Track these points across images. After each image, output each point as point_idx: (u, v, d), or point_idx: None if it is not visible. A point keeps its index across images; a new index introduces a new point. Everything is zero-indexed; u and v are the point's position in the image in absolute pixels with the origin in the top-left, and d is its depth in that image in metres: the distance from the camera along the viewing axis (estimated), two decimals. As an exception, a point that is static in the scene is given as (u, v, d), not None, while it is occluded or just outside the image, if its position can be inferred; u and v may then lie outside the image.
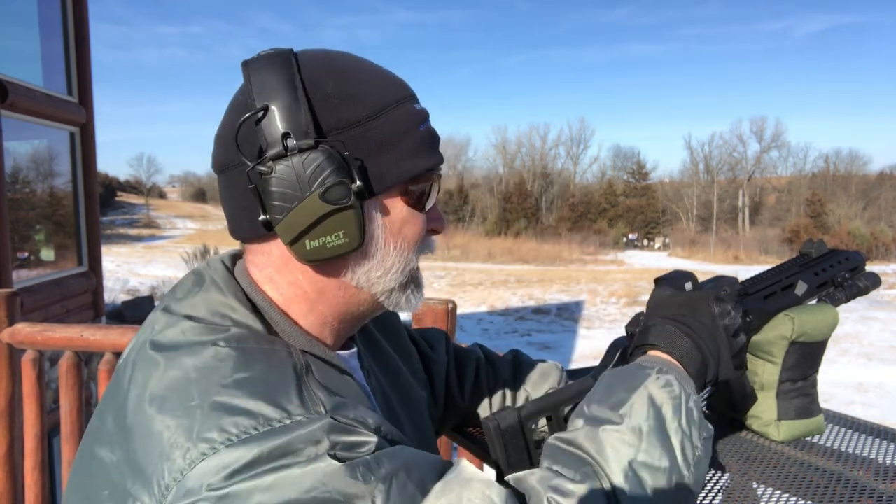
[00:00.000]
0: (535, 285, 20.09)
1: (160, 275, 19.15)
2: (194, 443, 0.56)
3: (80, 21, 6.60)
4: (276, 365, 0.64)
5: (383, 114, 0.70)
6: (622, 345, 0.90)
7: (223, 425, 0.56)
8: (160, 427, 0.58)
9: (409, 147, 0.71)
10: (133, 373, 0.65)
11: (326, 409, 0.60)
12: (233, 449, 0.55)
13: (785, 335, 0.99)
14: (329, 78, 0.68)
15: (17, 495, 2.38)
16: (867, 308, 14.68)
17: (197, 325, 0.67)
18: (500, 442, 0.82)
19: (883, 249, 33.57)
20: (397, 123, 0.70)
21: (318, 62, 0.70)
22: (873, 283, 1.11)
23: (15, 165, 6.10)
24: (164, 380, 0.62)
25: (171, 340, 0.66)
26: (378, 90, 0.71)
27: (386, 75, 0.74)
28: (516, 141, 58.12)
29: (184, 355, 0.63)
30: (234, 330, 0.67)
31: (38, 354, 2.33)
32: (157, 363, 0.64)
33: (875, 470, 0.91)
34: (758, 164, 53.91)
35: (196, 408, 0.58)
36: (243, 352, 0.64)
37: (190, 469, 0.55)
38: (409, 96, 0.73)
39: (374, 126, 0.69)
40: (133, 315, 11.18)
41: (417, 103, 0.74)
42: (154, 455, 0.57)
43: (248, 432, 0.56)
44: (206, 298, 0.71)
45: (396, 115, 0.70)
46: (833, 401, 8.29)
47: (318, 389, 0.63)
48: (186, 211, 69.23)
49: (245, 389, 0.60)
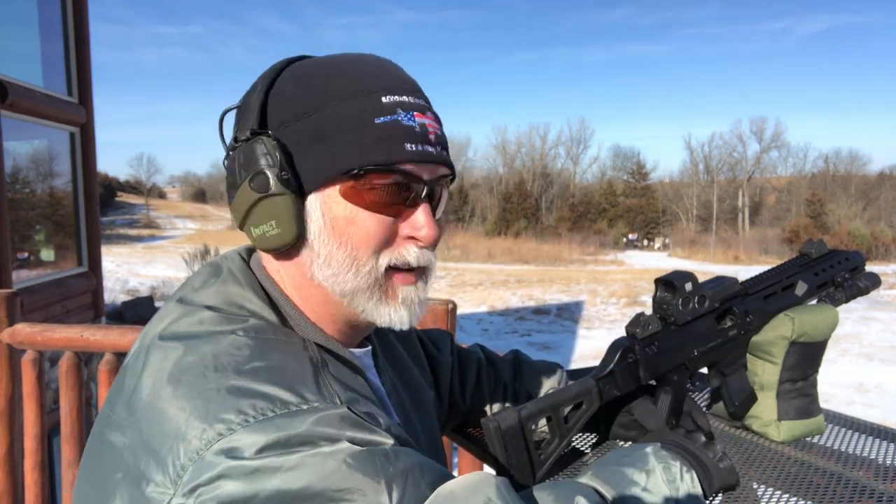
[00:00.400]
0: (535, 285, 20.08)
1: (160, 275, 19.15)
2: (210, 423, 0.56)
3: (80, 21, 6.60)
4: (294, 356, 0.65)
5: (330, 106, 0.67)
6: (622, 345, 0.90)
7: (240, 406, 0.56)
8: (175, 410, 0.58)
9: (352, 140, 0.67)
10: (147, 358, 0.65)
11: (342, 400, 0.61)
12: (249, 430, 0.55)
13: (785, 335, 0.99)
14: (297, 79, 0.70)
15: (17, 495, 2.38)
16: (867, 308, 14.68)
17: (215, 315, 0.67)
18: (500, 442, 0.82)
19: (883, 249, 33.55)
20: (344, 116, 0.67)
21: (302, 67, 0.72)
22: (873, 283, 1.12)
23: (15, 165, 6.10)
24: (180, 364, 0.62)
25: (187, 330, 0.66)
26: (335, 83, 0.69)
27: (361, 69, 0.70)
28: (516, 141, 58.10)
29: (202, 343, 0.64)
30: (251, 321, 0.67)
31: (38, 355, 2.33)
32: (174, 349, 0.64)
33: (875, 470, 0.91)
34: (758, 165, 53.89)
35: (213, 391, 0.58)
36: (261, 341, 0.65)
37: (206, 449, 0.54)
38: (376, 89, 0.68)
39: (314, 119, 0.67)
40: (133, 315, 11.18)
41: (390, 96, 0.68)
42: (169, 436, 0.57)
43: (265, 414, 0.56)
44: (223, 289, 0.71)
45: (347, 107, 0.67)
46: (833, 401, 8.29)
47: (333, 382, 0.64)
48: (186, 211, 69.22)
49: (262, 375, 0.60)
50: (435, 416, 0.97)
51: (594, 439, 1.04)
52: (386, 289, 0.71)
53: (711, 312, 0.97)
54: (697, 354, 0.96)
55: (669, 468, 0.72)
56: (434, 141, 0.70)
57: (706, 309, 0.95)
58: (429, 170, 0.70)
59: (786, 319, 0.99)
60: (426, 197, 0.70)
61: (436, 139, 0.70)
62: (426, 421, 0.92)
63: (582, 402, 0.87)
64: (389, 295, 0.71)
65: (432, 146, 0.69)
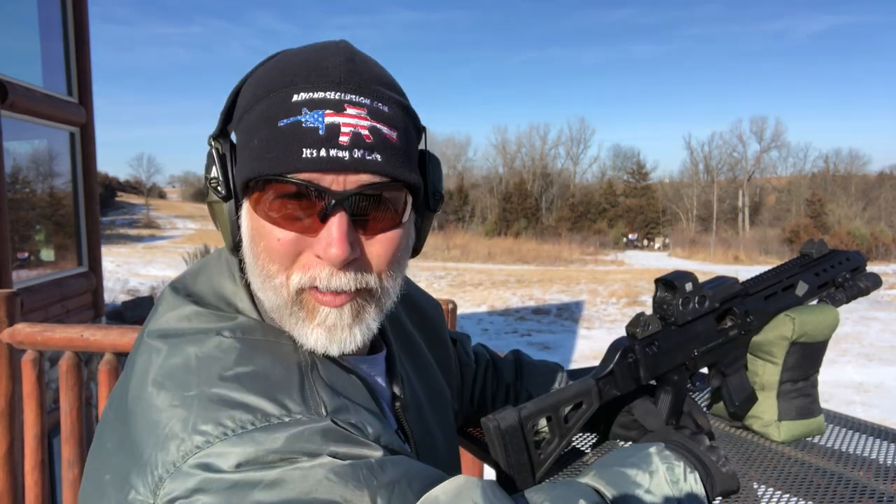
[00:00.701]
0: (535, 285, 20.07)
1: (160, 275, 19.14)
2: (189, 434, 0.55)
3: (80, 21, 6.61)
4: (280, 360, 0.63)
5: (252, 110, 0.64)
6: (622, 345, 0.90)
7: (220, 418, 0.55)
8: (157, 415, 0.57)
9: (254, 147, 0.62)
10: (136, 357, 0.65)
11: (328, 410, 0.59)
12: (227, 443, 0.54)
13: (786, 335, 0.99)
14: (254, 77, 0.68)
15: (17, 495, 2.38)
16: (867, 308, 14.67)
17: (202, 312, 0.66)
18: (500, 441, 0.82)
19: (883, 249, 33.55)
20: (255, 119, 0.63)
21: (269, 63, 0.69)
22: (874, 283, 1.11)
23: (15, 165, 6.10)
24: (164, 367, 0.61)
25: (174, 327, 0.65)
26: (266, 80, 0.65)
27: (293, 62, 0.65)
28: (516, 141, 58.13)
29: (187, 343, 0.63)
30: (240, 318, 0.66)
31: (38, 354, 2.33)
32: (158, 350, 0.63)
33: (875, 470, 0.91)
34: (758, 164, 53.92)
35: (194, 398, 0.57)
36: (247, 343, 0.63)
37: (183, 462, 0.54)
38: (289, 85, 0.62)
39: (244, 121, 0.65)
40: (133, 315, 11.17)
41: (304, 93, 0.61)
42: (150, 443, 0.56)
43: (245, 427, 0.55)
44: (215, 280, 0.71)
45: (259, 108, 0.63)
46: (833, 401, 8.29)
47: (321, 389, 0.62)
48: (186, 211, 69.16)
49: (245, 383, 0.58)
50: (451, 418, 0.96)
51: (594, 439, 1.04)
52: (304, 308, 0.65)
53: (712, 312, 0.97)
54: (698, 354, 0.96)
55: (673, 469, 0.72)
56: (348, 144, 0.59)
57: (706, 309, 0.95)
58: (337, 179, 0.60)
59: (786, 319, 0.99)
60: (340, 210, 0.61)
61: (352, 141, 0.60)
62: (446, 430, 0.91)
63: (582, 402, 0.87)
64: (308, 315, 0.65)
65: (344, 150, 0.59)
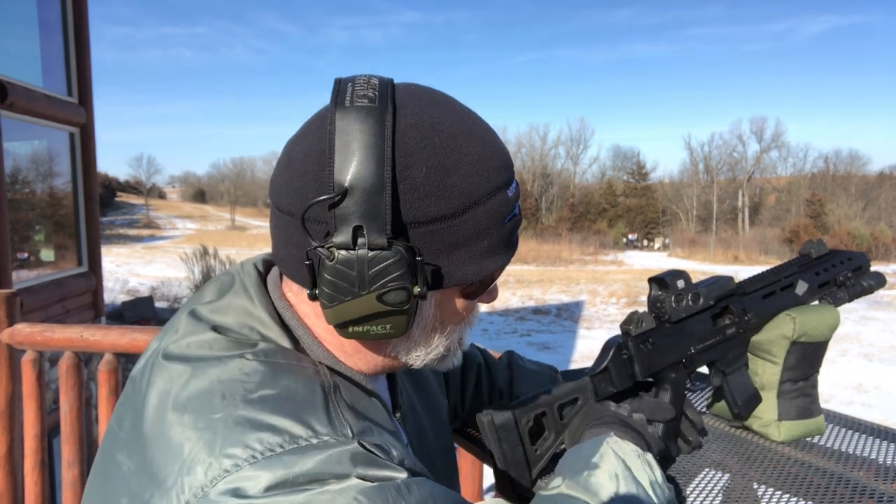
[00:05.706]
0: (535, 285, 20.07)
1: (160, 275, 19.14)
2: (217, 458, 0.54)
3: (80, 21, 6.61)
4: (304, 382, 0.62)
5: (470, 210, 0.62)
6: (616, 342, 0.90)
7: (247, 441, 0.54)
8: (181, 439, 0.56)
9: (486, 246, 0.64)
10: (152, 377, 0.63)
11: (354, 432, 0.58)
12: (256, 467, 0.53)
13: (786, 335, 0.98)
14: (424, 161, 0.60)
15: (17, 495, 2.38)
16: (867, 308, 14.68)
17: (223, 339, 0.65)
18: (495, 437, 0.82)
19: (883, 249, 33.54)
20: (482, 220, 0.63)
21: (418, 131, 0.61)
22: (878, 282, 1.11)
23: (15, 166, 6.10)
24: (187, 389, 0.60)
25: (195, 353, 0.64)
26: (473, 179, 0.62)
27: (490, 155, 0.64)
28: (516, 141, 58.08)
29: (209, 366, 0.61)
30: (261, 345, 0.65)
31: (37, 355, 2.33)
32: (180, 372, 0.62)
33: (875, 470, 0.91)
34: (757, 165, 53.92)
35: (219, 421, 0.56)
36: (271, 366, 0.62)
37: (212, 486, 0.53)
38: (505, 182, 0.65)
39: (455, 223, 0.61)
40: (133, 315, 11.16)
41: (511, 186, 0.66)
42: (174, 468, 0.55)
43: (273, 450, 0.54)
44: (236, 306, 0.69)
45: (484, 210, 0.63)
46: (833, 401, 8.29)
47: (345, 410, 0.61)
48: (186, 211, 69.21)
49: (271, 405, 0.57)
50: (447, 425, 0.96)
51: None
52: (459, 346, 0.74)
53: (707, 310, 0.97)
54: (695, 352, 0.96)
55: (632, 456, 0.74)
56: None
57: (701, 306, 0.95)
58: None
59: (787, 319, 0.99)
60: None
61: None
62: (441, 440, 0.91)
63: (577, 398, 0.88)
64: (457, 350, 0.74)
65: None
